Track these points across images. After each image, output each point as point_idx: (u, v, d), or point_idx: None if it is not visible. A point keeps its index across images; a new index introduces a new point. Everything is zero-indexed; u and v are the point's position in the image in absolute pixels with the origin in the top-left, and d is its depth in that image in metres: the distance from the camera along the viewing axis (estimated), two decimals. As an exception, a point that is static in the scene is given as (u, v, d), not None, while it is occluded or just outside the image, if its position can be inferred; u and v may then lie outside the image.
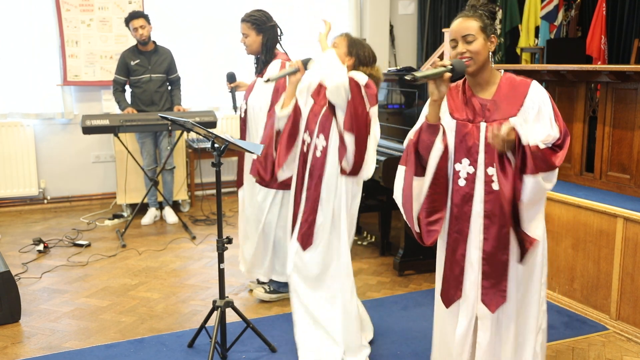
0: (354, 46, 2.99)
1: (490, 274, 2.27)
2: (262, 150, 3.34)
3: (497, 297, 2.28)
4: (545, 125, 2.18)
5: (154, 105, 5.33)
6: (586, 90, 3.83)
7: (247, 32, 3.60)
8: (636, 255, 3.17)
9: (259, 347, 3.11)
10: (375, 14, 6.98)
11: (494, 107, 2.23)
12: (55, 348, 3.16)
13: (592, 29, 5.87)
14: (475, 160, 2.24)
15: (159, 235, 5.17)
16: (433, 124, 2.23)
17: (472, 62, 2.20)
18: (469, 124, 2.25)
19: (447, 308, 2.38)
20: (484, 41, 2.21)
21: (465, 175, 2.26)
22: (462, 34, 2.21)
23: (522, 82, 2.25)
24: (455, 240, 2.32)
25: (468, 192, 2.26)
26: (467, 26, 2.21)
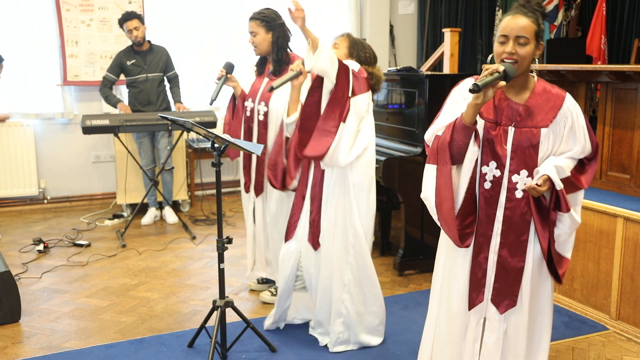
0: (354, 47, 2.99)
1: (504, 277, 2.27)
2: (271, 158, 3.33)
3: (507, 300, 2.28)
4: (579, 140, 2.20)
5: (150, 105, 5.33)
6: (586, 90, 3.83)
7: (256, 30, 3.49)
8: (636, 255, 3.17)
9: (259, 347, 3.11)
10: (375, 14, 6.98)
11: (526, 113, 2.19)
12: (55, 348, 3.16)
13: (592, 29, 5.87)
14: (502, 165, 2.21)
15: (159, 235, 5.17)
16: (469, 126, 2.14)
17: (517, 65, 2.12)
18: (497, 127, 2.20)
19: (469, 310, 2.35)
20: (534, 47, 2.14)
21: (492, 179, 2.23)
22: (517, 34, 2.11)
23: (557, 93, 2.21)
24: (478, 243, 2.30)
25: (493, 196, 2.23)
26: (524, 26, 2.11)
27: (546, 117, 2.18)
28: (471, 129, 2.15)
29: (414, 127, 4.25)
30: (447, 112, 2.29)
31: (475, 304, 2.33)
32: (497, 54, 2.17)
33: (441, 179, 2.22)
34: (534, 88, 2.22)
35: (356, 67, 2.86)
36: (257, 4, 6.39)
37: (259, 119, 3.55)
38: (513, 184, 2.21)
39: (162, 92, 5.43)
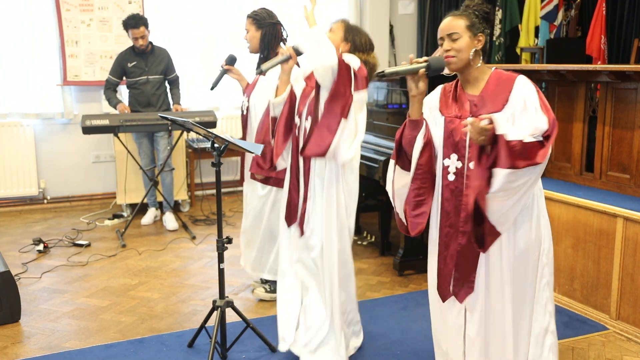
0: (350, 32, 2.95)
1: (461, 265, 2.32)
2: (257, 139, 3.32)
3: (465, 287, 2.32)
4: (531, 117, 2.17)
5: (150, 107, 5.32)
6: (586, 90, 3.83)
7: (248, 27, 3.62)
8: (636, 255, 3.17)
9: (259, 347, 3.11)
10: (375, 14, 6.98)
11: (481, 102, 2.26)
12: (55, 348, 3.16)
13: (592, 29, 5.87)
14: (463, 155, 2.27)
15: (159, 235, 5.17)
16: (415, 120, 2.29)
17: (455, 59, 2.25)
18: (456, 120, 2.29)
19: (443, 302, 2.40)
20: (469, 39, 2.25)
21: (454, 170, 2.30)
22: (448, 32, 2.26)
23: (508, 78, 2.27)
24: (447, 235, 2.35)
25: (458, 187, 2.29)
26: (453, 24, 2.26)
27: (498, 102, 2.24)
28: (417, 122, 2.29)
29: (414, 127, 4.25)
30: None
31: (448, 296, 2.38)
32: (440, 56, 2.30)
33: (396, 173, 2.39)
34: (488, 79, 2.30)
35: (357, 64, 2.84)
36: (257, 4, 6.41)
37: (243, 113, 3.69)
38: (471, 171, 2.24)
39: (163, 94, 5.42)
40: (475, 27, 2.27)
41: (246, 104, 3.66)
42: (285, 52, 2.99)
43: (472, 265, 2.30)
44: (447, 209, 2.33)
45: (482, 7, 2.31)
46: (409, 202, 2.36)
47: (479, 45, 2.28)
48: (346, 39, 2.94)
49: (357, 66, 2.84)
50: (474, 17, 2.28)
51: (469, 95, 2.31)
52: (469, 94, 2.31)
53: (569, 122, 3.93)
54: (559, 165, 4.02)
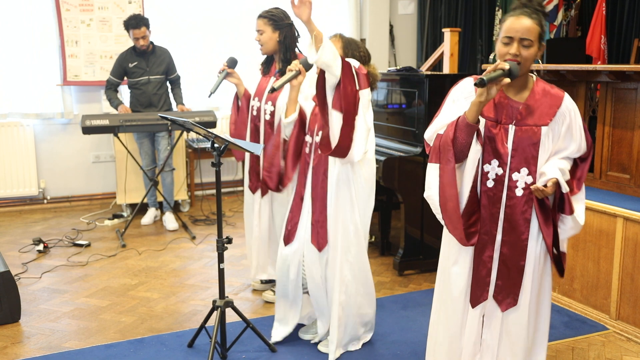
0: (348, 47, 2.96)
1: (506, 274, 2.29)
2: (267, 159, 3.31)
3: (509, 298, 2.30)
4: (576, 139, 2.23)
5: (152, 107, 5.32)
6: (586, 90, 3.83)
7: (263, 28, 3.50)
8: (636, 255, 3.17)
9: (259, 347, 3.11)
10: (375, 14, 6.98)
11: (526, 112, 2.21)
12: (55, 348, 3.16)
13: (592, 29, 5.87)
14: (504, 162, 2.22)
15: (159, 235, 5.17)
16: (472, 125, 2.15)
17: (520, 66, 2.14)
18: (498, 125, 2.23)
19: (473, 307, 2.37)
20: (537, 49, 2.16)
21: (494, 177, 2.25)
22: (522, 36, 2.13)
23: (557, 93, 2.24)
24: (482, 242, 2.31)
25: (496, 194, 2.25)
26: (528, 28, 2.13)
27: (546, 115, 2.20)
28: (474, 127, 2.15)
29: (414, 127, 4.25)
30: (447, 111, 2.30)
31: (479, 301, 2.35)
32: (500, 55, 2.17)
33: (445, 178, 2.21)
34: (533, 87, 2.24)
35: (356, 64, 2.85)
36: (257, 4, 6.41)
37: (266, 118, 3.55)
38: (513, 182, 2.23)
39: (164, 94, 5.42)
40: (544, 35, 2.19)
41: (270, 109, 3.52)
42: (294, 68, 2.96)
43: (516, 277, 2.28)
44: (484, 215, 2.28)
45: (544, 8, 2.21)
46: (465, 212, 2.26)
47: (540, 54, 2.20)
48: (345, 55, 2.94)
49: (357, 65, 2.84)
50: (544, 24, 2.17)
51: (512, 101, 2.23)
52: (512, 100, 2.23)
53: (569, 122, 3.93)
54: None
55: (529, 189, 2.21)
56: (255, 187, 3.69)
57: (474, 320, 2.36)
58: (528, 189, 2.21)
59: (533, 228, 2.26)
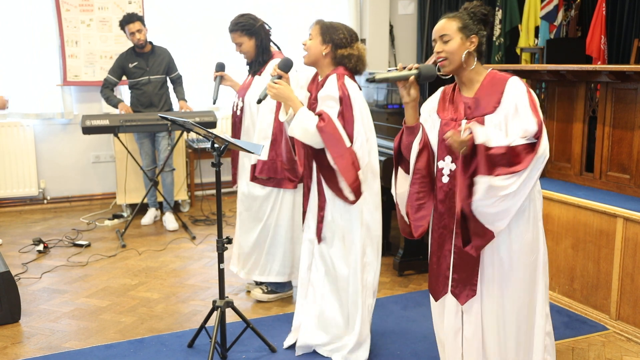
0: (327, 32, 2.92)
1: (461, 266, 2.32)
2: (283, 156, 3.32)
3: (466, 289, 2.32)
4: (522, 119, 2.17)
5: (153, 107, 5.32)
6: (586, 90, 3.83)
7: (240, 40, 3.60)
8: (636, 255, 3.17)
9: (259, 347, 3.11)
10: (375, 14, 6.98)
11: (475, 104, 2.26)
12: (55, 348, 3.16)
13: (592, 29, 5.87)
14: (457, 157, 2.26)
15: (159, 235, 5.17)
16: (411, 126, 2.32)
17: (447, 62, 2.26)
18: (451, 122, 2.30)
19: (435, 302, 2.44)
20: (461, 41, 2.25)
21: (448, 172, 2.31)
22: (440, 34, 2.27)
23: (501, 79, 2.27)
24: (441, 236, 2.36)
25: (451, 189, 2.30)
26: (444, 27, 2.27)
27: (490, 104, 2.24)
28: (413, 128, 2.32)
29: (414, 127, 4.25)
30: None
31: (440, 295, 2.40)
32: (434, 57, 2.31)
33: (398, 178, 2.43)
34: (483, 80, 2.30)
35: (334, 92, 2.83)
36: (257, 4, 6.41)
37: (237, 113, 3.70)
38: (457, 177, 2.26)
39: (165, 94, 5.42)
40: (468, 28, 2.26)
41: (240, 104, 3.67)
42: (274, 74, 2.95)
43: (472, 268, 2.30)
44: (441, 210, 2.35)
45: (479, 9, 2.30)
46: (410, 206, 2.39)
47: (472, 47, 2.27)
48: (325, 41, 2.92)
49: (336, 94, 2.83)
50: (468, 19, 2.27)
51: (463, 97, 2.31)
52: (464, 96, 2.32)
53: (568, 122, 3.93)
54: (559, 166, 4.02)
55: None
56: (234, 182, 3.84)
57: (450, 315, 2.39)
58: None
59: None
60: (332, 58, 2.94)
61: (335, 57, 2.94)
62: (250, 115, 3.63)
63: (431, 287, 2.44)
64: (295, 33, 6.44)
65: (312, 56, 2.95)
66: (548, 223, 3.52)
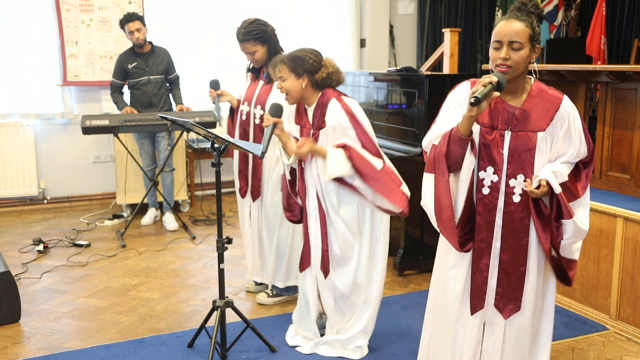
0: (296, 66, 2.90)
1: (506, 281, 2.27)
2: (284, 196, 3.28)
3: (511, 304, 2.28)
4: (575, 142, 2.18)
5: (152, 107, 5.32)
6: (586, 90, 3.83)
7: (254, 48, 3.48)
8: (636, 255, 3.17)
9: (259, 347, 3.11)
10: (375, 14, 6.98)
11: (523, 117, 2.17)
12: (55, 348, 3.16)
13: (592, 29, 5.88)
14: (500, 169, 2.20)
15: (158, 235, 5.17)
16: (464, 138, 2.12)
17: (510, 70, 2.10)
18: (493, 131, 2.19)
19: (472, 315, 2.35)
20: (529, 51, 2.11)
21: (490, 184, 2.22)
22: (510, 39, 2.08)
23: (554, 95, 2.19)
24: (478, 249, 2.29)
25: (492, 201, 2.23)
26: (517, 31, 2.08)
27: (542, 120, 2.16)
28: (467, 140, 2.13)
29: (414, 127, 4.25)
30: (444, 118, 2.28)
31: (477, 309, 2.33)
32: (492, 60, 2.16)
33: (439, 188, 2.22)
34: (530, 91, 2.19)
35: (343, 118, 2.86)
36: (257, 4, 6.41)
37: (255, 122, 3.58)
38: (510, 189, 2.20)
39: (164, 94, 5.42)
40: (537, 37, 2.12)
41: (260, 112, 3.54)
42: (267, 124, 2.93)
43: (517, 282, 2.26)
44: (479, 223, 2.26)
45: (539, 10, 2.16)
46: (460, 220, 2.25)
47: (534, 57, 2.15)
48: (299, 75, 2.90)
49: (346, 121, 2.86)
50: (536, 25, 2.12)
51: (508, 105, 2.19)
52: (508, 105, 2.19)
53: (569, 122, 3.93)
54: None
55: (527, 195, 2.19)
56: (245, 192, 3.71)
57: (474, 328, 2.34)
58: (525, 195, 2.19)
59: (532, 233, 2.24)
60: (313, 86, 2.93)
61: (315, 84, 2.93)
62: None
63: (471, 301, 2.35)
64: (295, 33, 6.45)
65: (295, 95, 2.94)
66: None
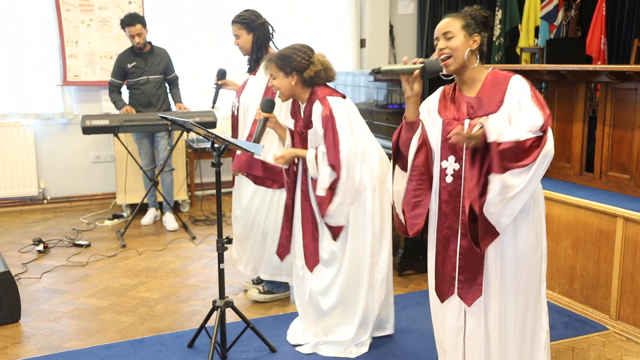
0: (285, 65, 2.94)
1: (466, 267, 2.31)
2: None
3: (473, 290, 2.32)
4: (527, 114, 2.16)
5: (151, 107, 5.32)
6: (586, 90, 3.83)
7: (238, 32, 3.61)
8: (636, 255, 3.17)
9: (259, 347, 3.11)
10: (375, 14, 6.98)
11: (478, 104, 2.26)
12: (55, 348, 3.16)
13: (592, 29, 5.88)
14: (460, 157, 2.27)
15: (158, 235, 5.17)
16: (410, 121, 2.31)
17: (451, 59, 2.25)
18: (454, 122, 2.29)
19: (441, 303, 2.42)
20: (464, 39, 2.25)
21: (452, 172, 2.31)
22: (443, 31, 2.27)
23: (503, 77, 2.27)
24: (445, 236, 2.36)
25: (455, 189, 2.30)
26: (447, 24, 2.28)
27: (494, 103, 2.23)
28: (413, 124, 2.31)
29: (414, 127, 4.25)
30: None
31: (446, 297, 2.39)
32: (436, 55, 2.31)
33: (395, 175, 2.42)
34: (484, 80, 2.29)
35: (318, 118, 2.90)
36: (257, 4, 6.40)
37: (235, 114, 3.69)
38: (467, 174, 2.26)
39: (163, 93, 5.42)
40: (471, 27, 2.28)
41: (236, 104, 3.66)
42: (259, 117, 3.03)
43: (477, 268, 2.30)
44: (445, 210, 2.34)
45: (480, 12, 2.32)
46: (407, 203, 2.38)
47: (474, 45, 2.28)
48: (288, 73, 2.94)
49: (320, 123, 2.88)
50: (470, 19, 2.29)
51: (465, 97, 2.31)
52: (465, 96, 2.31)
53: (568, 122, 3.93)
54: (559, 166, 4.02)
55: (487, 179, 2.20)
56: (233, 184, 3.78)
57: (453, 316, 2.39)
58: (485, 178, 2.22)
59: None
60: (302, 82, 2.97)
61: (305, 81, 2.96)
62: (245, 115, 3.60)
63: (437, 288, 2.43)
64: (295, 33, 6.45)
65: (286, 92, 3.00)
66: (548, 223, 3.52)
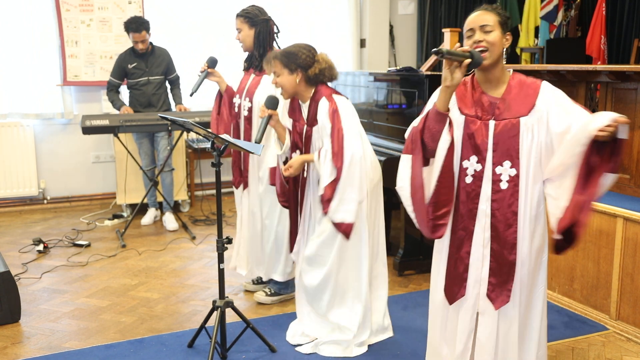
0: (289, 61, 2.94)
1: (498, 271, 2.28)
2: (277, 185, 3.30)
3: (502, 295, 2.29)
4: (575, 109, 2.16)
5: (151, 107, 5.32)
6: (586, 90, 3.83)
7: (241, 26, 3.57)
8: (636, 255, 3.17)
9: (259, 347, 3.11)
10: (375, 14, 6.98)
11: (504, 105, 2.22)
12: (55, 348, 3.16)
13: (592, 29, 5.88)
14: (483, 158, 2.23)
15: (158, 235, 5.17)
16: (442, 112, 2.17)
17: (487, 54, 2.17)
18: (478, 121, 2.24)
19: (450, 305, 2.38)
20: (501, 35, 2.20)
21: (473, 173, 2.26)
22: (480, 24, 2.19)
23: (533, 83, 2.25)
24: (460, 238, 2.32)
25: (474, 190, 2.26)
26: (485, 17, 2.20)
27: (524, 106, 2.21)
28: (444, 115, 2.18)
29: (414, 127, 4.25)
30: (429, 107, 2.32)
31: (456, 298, 2.36)
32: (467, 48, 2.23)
33: (415, 168, 2.24)
34: (509, 81, 2.26)
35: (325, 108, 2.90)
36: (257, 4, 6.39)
37: (244, 114, 3.62)
38: (497, 176, 2.24)
39: (164, 94, 5.42)
40: (506, 25, 2.24)
41: (247, 105, 3.59)
42: (263, 115, 3.01)
43: (508, 272, 2.27)
44: (462, 211, 2.29)
45: (504, 13, 2.29)
46: (435, 202, 2.26)
47: (507, 44, 2.25)
48: (292, 70, 2.94)
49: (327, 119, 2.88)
50: (503, 16, 2.24)
51: (489, 96, 2.25)
52: (489, 95, 2.26)
53: (569, 122, 3.93)
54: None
55: (514, 182, 2.21)
56: (239, 183, 3.75)
57: (466, 319, 2.36)
58: (513, 181, 2.22)
59: (521, 221, 2.24)
60: (306, 81, 2.97)
61: (309, 79, 2.96)
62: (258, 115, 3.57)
63: (447, 289, 2.38)
64: (295, 33, 6.45)
65: (289, 90, 2.98)
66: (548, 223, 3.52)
